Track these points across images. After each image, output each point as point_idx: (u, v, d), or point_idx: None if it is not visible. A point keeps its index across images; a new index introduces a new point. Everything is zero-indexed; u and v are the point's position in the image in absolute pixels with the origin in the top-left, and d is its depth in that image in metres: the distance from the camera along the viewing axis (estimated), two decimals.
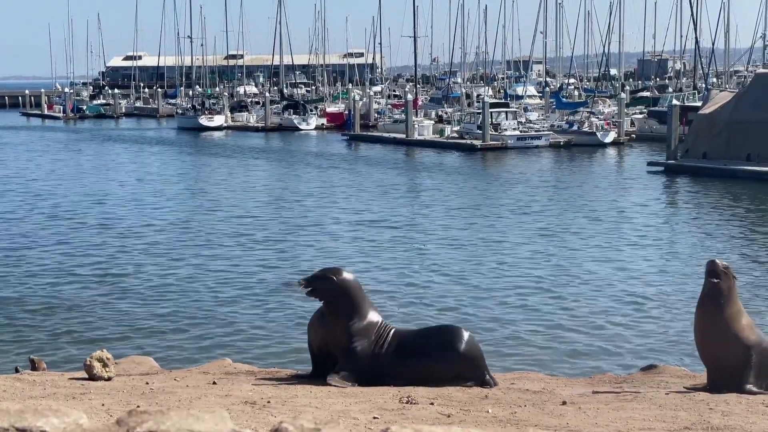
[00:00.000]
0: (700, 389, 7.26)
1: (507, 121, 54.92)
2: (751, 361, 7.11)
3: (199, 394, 6.64)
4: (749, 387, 7.07)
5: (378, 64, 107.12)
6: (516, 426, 5.78)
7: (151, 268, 20.28)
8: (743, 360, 7.10)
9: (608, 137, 53.79)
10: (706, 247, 23.09)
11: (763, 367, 7.18)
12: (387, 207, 30.69)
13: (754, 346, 7.16)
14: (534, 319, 15.79)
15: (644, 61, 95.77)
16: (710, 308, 7.22)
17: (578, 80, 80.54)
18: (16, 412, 2.66)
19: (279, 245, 23.39)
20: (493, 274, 19.47)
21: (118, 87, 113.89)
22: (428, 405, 6.44)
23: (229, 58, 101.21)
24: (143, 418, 2.66)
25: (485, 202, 32.06)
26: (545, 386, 7.57)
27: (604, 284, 18.49)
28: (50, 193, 35.29)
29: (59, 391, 6.71)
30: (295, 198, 33.47)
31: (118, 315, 16.19)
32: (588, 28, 79.90)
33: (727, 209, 29.84)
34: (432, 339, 7.47)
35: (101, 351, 7.57)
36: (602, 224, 26.63)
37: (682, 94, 61.65)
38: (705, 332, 7.31)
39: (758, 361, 7.14)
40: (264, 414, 5.82)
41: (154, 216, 28.90)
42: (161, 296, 17.62)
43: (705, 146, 39.40)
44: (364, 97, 77.68)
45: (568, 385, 7.79)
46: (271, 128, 72.30)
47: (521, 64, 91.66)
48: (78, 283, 18.81)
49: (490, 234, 24.94)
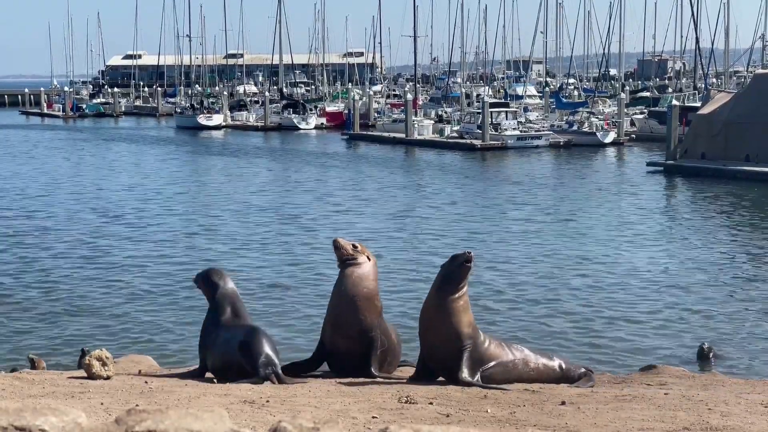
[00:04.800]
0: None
1: (507, 121, 54.91)
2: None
3: (198, 393, 6.64)
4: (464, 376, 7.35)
5: (378, 64, 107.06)
6: (515, 426, 5.78)
7: (150, 267, 20.28)
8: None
9: (608, 137, 53.79)
10: (704, 247, 23.09)
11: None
12: (386, 206, 30.68)
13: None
14: (532, 319, 15.79)
15: (644, 62, 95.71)
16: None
17: (578, 80, 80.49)
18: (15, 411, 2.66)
19: (279, 245, 23.39)
20: (491, 273, 19.46)
21: (118, 86, 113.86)
22: (427, 404, 6.44)
23: (229, 57, 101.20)
24: (142, 416, 2.66)
25: (485, 202, 32.05)
26: (544, 386, 7.57)
27: (603, 284, 18.48)
28: (49, 192, 35.28)
29: (58, 389, 6.71)
30: (294, 197, 33.46)
31: (117, 314, 16.19)
32: (588, 28, 79.89)
33: (726, 210, 29.85)
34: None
35: (100, 350, 7.57)
36: (601, 224, 26.63)
37: (682, 95, 61.63)
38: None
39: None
40: (263, 413, 5.82)
41: (153, 215, 28.90)
42: (161, 295, 17.61)
43: (704, 147, 39.39)
44: (363, 96, 77.66)
45: (567, 385, 7.79)
46: (270, 127, 72.29)
47: (521, 64, 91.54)
48: (78, 281, 18.81)
49: (489, 233, 24.93)
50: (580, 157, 49.13)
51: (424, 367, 7.73)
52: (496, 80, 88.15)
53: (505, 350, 7.73)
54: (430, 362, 7.62)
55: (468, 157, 49.93)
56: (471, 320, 7.52)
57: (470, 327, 7.47)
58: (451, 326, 7.40)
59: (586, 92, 70.75)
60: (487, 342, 7.59)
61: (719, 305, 16.80)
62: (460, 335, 7.39)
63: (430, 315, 7.54)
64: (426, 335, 7.58)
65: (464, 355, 7.41)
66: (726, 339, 14.40)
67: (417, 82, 78.63)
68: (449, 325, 7.41)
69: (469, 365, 7.41)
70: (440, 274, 7.53)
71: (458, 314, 7.42)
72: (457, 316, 7.41)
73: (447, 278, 7.44)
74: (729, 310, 16.48)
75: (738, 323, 15.54)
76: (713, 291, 17.98)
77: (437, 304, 7.49)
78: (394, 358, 8.19)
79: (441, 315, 7.44)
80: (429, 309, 7.58)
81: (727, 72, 72.28)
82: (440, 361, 7.50)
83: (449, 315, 7.41)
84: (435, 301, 7.52)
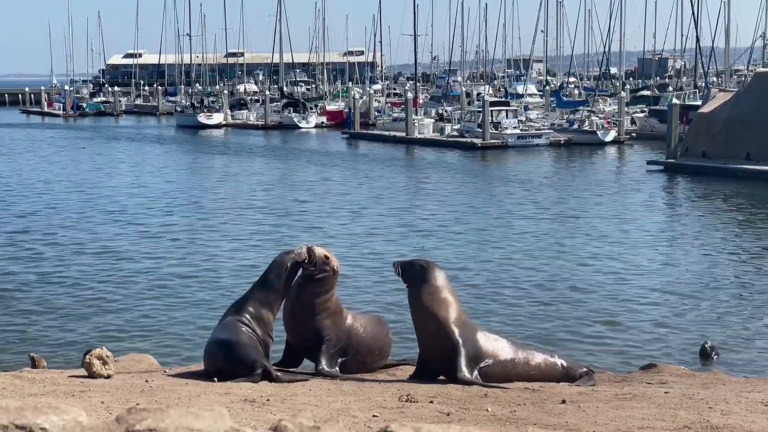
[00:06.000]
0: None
1: (507, 119, 54.89)
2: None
3: (198, 391, 6.64)
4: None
5: (378, 63, 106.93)
6: (515, 424, 5.78)
7: (151, 266, 20.28)
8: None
9: (608, 136, 53.77)
10: (704, 246, 23.09)
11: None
12: (386, 205, 30.67)
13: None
14: (532, 317, 15.78)
15: (644, 60, 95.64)
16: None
17: (578, 79, 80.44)
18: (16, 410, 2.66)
19: (278, 244, 23.37)
20: (491, 272, 19.46)
21: (119, 85, 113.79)
22: (428, 403, 6.44)
23: (229, 56, 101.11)
24: (143, 415, 2.66)
25: (485, 201, 32.05)
26: (544, 384, 7.57)
27: (603, 283, 18.48)
28: (49, 191, 35.28)
29: (59, 388, 6.71)
30: (294, 196, 33.45)
31: (117, 313, 16.19)
32: (588, 27, 79.86)
33: (726, 208, 29.84)
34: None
35: (101, 349, 7.57)
36: (601, 223, 26.61)
37: (683, 93, 61.60)
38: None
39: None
40: (263, 412, 5.82)
41: (153, 214, 28.90)
42: (161, 294, 17.60)
43: (704, 145, 39.39)
44: (364, 95, 77.64)
45: (568, 384, 7.79)
46: (270, 126, 72.29)
47: (521, 63, 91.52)
48: (78, 280, 18.81)
49: (489, 232, 24.92)
50: (581, 155, 49.12)
51: (425, 365, 7.75)
52: (497, 79, 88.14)
53: (507, 348, 7.75)
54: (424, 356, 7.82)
55: (468, 155, 49.93)
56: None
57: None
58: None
59: (586, 91, 70.70)
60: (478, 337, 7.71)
61: (720, 304, 16.80)
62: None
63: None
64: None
65: (461, 353, 7.42)
66: (727, 337, 14.39)
67: (417, 80, 78.60)
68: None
69: (467, 363, 7.43)
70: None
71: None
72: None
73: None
74: (730, 308, 16.47)
75: (739, 321, 15.53)
76: (713, 289, 17.97)
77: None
78: (370, 352, 8.32)
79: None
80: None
81: (727, 71, 72.16)
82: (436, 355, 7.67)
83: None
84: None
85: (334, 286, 8.07)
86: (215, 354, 7.64)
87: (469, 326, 7.67)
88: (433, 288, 7.59)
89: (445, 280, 7.74)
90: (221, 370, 7.47)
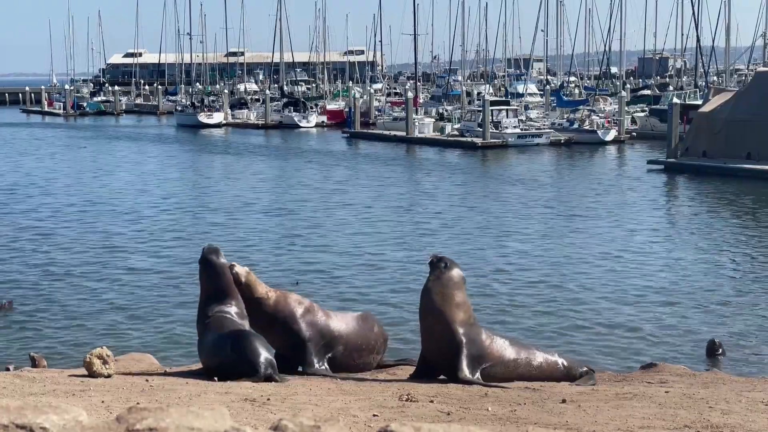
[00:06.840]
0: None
1: (507, 119, 54.88)
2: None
3: (198, 391, 6.64)
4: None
5: (378, 62, 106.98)
6: (516, 424, 5.78)
7: (151, 266, 20.29)
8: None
9: (609, 135, 53.75)
10: (705, 245, 23.08)
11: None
12: (386, 204, 30.68)
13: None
14: (532, 317, 15.78)
15: (645, 60, 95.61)
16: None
17: (579, 78, 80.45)
18: (16, 409, 2.66)
19: (278, 244, 23.39)
20: (492, 272, 19.46)
21: (119, 84, 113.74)
22: (428, 403, 6.44)
23: (230, 55, 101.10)
24: (143, 415, 2.66)
25: (485, 200, 32.04)
26: (545, 384, 7.57)
27: (604, 282, 18.48)
28: (48, 190, 35.28)
29: (59, 388, 6.71)
30: (294, 195, 33.45)
31: (118, 312, 16.19)
32: (589, 26, 79.88)
33: (727, 207, 29.84)
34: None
35: (101, 348, 7.57)
36: (602, 223, 26.61)
37: (683, 93, 61.54)
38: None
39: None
40: (263, 411, 5.82)
41: (154, 213, 28.91)
42: (162, 294, 17.61)
43: (705, 145, 39.37)
44: (364, 94, 77.62)
45: (568, 384, 7.79)
46: (271, 126, 72.28)
47: (522, 62, 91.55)
48: (78, 280, 18.81)
49: (489, 232, 24.92)
50: (581, 155, 49.11)
51: (425, 365, 7.75)
52: (497, 78, 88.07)
53: (510, 349, 7.76)
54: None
55: (468, 155, 49.91)
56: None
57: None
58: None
59: (586, 90, 70.71)
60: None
61: (720, 303, 16.80)
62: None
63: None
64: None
65: (463, 352, 7.44)
66: (728, 336, 14.39)
67: (418, 80, 78.60)
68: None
69: (468, 363, 7.44)
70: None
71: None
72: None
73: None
74: (731, 307, 16.47)
75: (740, 320, 15.53)
76: (714, 288, 17.96)
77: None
78: (357, 348, 8.36)
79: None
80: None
81: (728, 70, 72.11)
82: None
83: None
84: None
85: (259, 292, 8.17)
86: (222, 347, 7.54)
87: (475, 327, 7.68)
88: (447, 287, 7.61)
89: (461, 281, 7.73)
90: (223, 366, 7.42)
